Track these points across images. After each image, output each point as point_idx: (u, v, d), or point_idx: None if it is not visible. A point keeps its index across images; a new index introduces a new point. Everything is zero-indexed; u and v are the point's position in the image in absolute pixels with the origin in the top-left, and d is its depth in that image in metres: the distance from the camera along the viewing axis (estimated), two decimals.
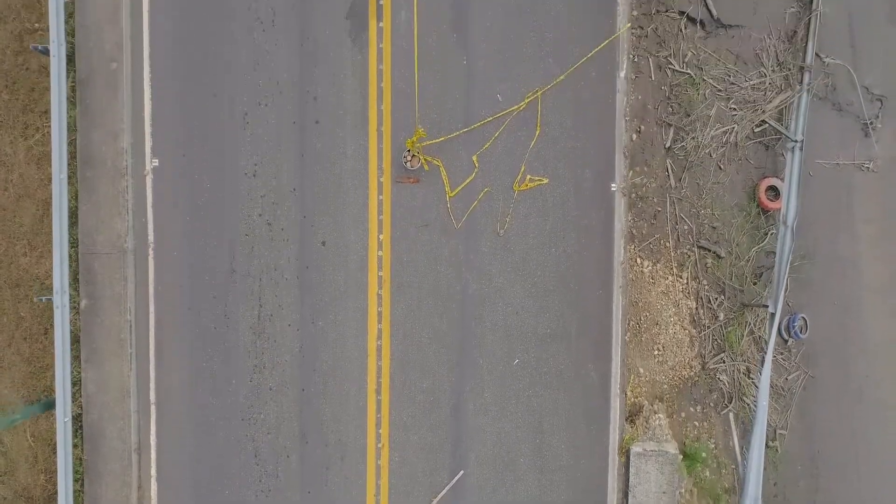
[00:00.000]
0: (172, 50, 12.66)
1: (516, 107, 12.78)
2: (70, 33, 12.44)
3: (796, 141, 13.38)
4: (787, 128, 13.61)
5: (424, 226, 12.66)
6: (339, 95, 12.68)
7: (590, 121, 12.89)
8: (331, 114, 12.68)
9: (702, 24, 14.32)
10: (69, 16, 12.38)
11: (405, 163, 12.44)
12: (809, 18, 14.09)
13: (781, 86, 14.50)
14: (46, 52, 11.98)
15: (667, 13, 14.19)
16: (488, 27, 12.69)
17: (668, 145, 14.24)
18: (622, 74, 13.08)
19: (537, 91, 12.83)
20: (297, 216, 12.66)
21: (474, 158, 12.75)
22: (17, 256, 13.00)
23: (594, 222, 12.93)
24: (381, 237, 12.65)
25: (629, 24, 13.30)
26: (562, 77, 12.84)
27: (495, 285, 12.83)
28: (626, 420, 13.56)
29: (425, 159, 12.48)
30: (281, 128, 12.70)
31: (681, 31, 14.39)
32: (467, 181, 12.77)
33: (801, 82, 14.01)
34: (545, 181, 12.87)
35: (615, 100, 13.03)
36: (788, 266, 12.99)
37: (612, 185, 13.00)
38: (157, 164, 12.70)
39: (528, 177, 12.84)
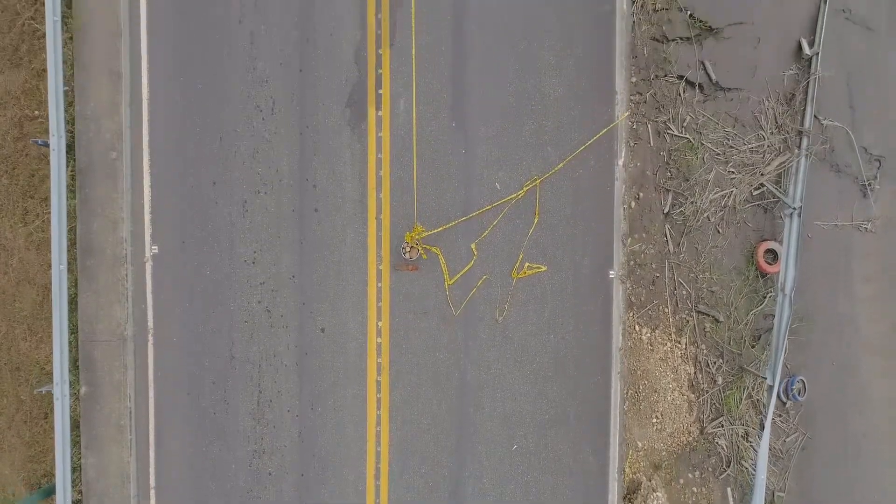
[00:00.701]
0: (172, 139, 12.68)
1: (515, 195, 12.81)
2: (70, 121, 12.47)
3: (795, 208, 13.39)
4: (785, 193, 13.63)
5: (423, 313, 12.70)
6: (338, 183, 12.71)
7: (588, 208, 12.91)
8: (330, 202, 12.71)
9: (700, 87, 14.34)
10: (69, 104, 12.40)
11: (404, 253, 12.48)
12: (808, 82, 14.10)
13: (780, 148, 14.52)
14: (46, 145, 12.00)
15: (665, 78, 14.21)
16: (487, 115, 12.71)
17: (666, 211, 14.26)
18: (620, 162, 13.11)
19: (536, 179, 12.86)
20: (296, 303, 12.69)
21: (473, 246, 12.78)
22: (17, 340, 13.04)
23: (592, 309, 12.96)
24: (380, 324, 12.69)
25: (627, 113, 13.32)
26: (560, 165, 12.86)
27: (494, 372, 12.87)
28: (625, 499, 13.61)
29: (424, 248, 12.51)
30: (280, 215, 12.73)
31: (679, 95, 14.41)
32: (466, 269, 12.80)
33: (800, 147, 14.03)
34: (543, 269, 12.89)
35: (613, 187, 13.05)
36: (787, 333, 13.02)
37: (611, 272, 13.03)
38: (156, 251, 12.73)
39: (527, 264, 12.87)
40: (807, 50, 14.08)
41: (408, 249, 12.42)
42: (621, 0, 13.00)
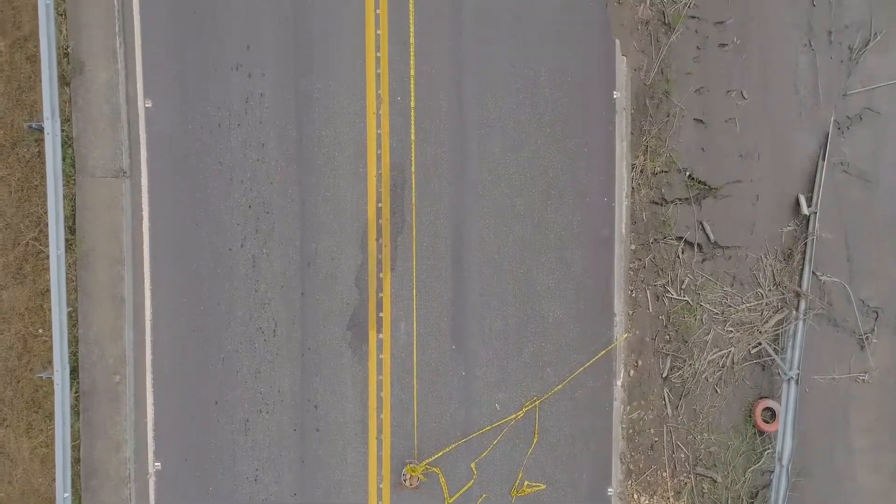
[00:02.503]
0: (175, 360, 12.85)
1: (514, 415, 12.94)
2: (73, 342, 12.60)
3: (792, 377, 13.52)
4: (783, 356, 13.75)
5: None
6: (339, 404, 12.86)
7: (587, 427, 13.07)
8: (331, 421, 12.86)
9: (699, 247, 14.45)
10: (72, 325, 12.54)
11: (404, 481, 12.64)
12: (806, 243, 14.21)
13: (778, 305, 14.64)
14: (50, 377, 12.15)
15: (664, 240, 14.31)
16: (487, 337, 12.88)
17: (665, 375, 14.39)
18: (619, 383, 13.25)
19: (535, 399, 12.99)
20: None
21: (472, 465, 12.94)
22: None
23: None
24: None
25: (626, 335, 13.44)
26: (560, 386, 13.00)
27: None
28: None
29: (424, 471, 12.71)
30: (282, 434, 12.88)
31: (678, 256, 14.52)
32: (465, 488, 12.96)
33: (798, 308, 14.13)
34: (543, 487, 13.05)
35: (612, 407, 13.18)
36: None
37: (609, 489, 13.19)
38: (159, 467, 12.89)
39: (526, 483, 13.02)
40: (805, 209, 14.17)
41: (408, 478, 12.59)
42: (620, 224, 13.09)
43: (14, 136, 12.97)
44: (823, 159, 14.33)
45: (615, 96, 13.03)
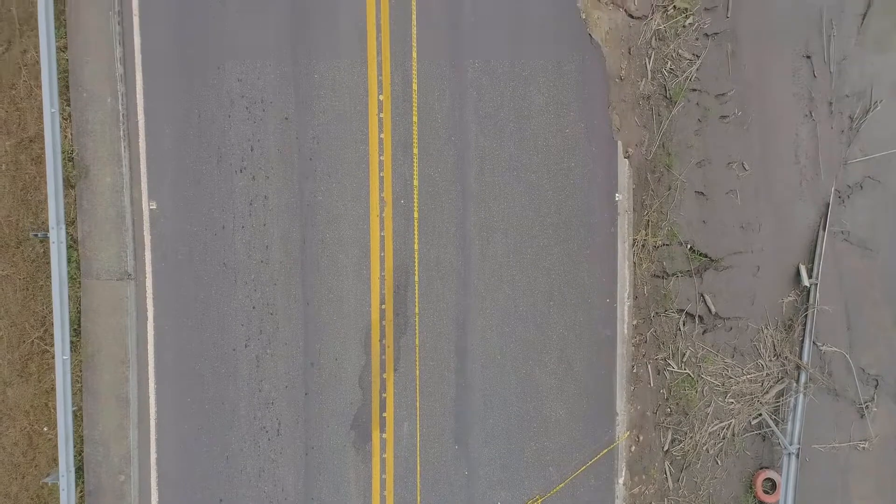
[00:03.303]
0: (179, 458, 12.95)
1: None
2: (78, 441, 12.69)
3: (793, 451, 13.60)
4: (783, 427, 13.83)
5: None
6: (343, 502, 12.93)
7: None
8: None
9: (700, 318, 14.53)
10: (77, 425, 12.63)
11: None
12: (807, 315, 14.27)
13: (778, 375, 14.72)
14: (56, 480, 12.25)
15: (666, 313, 14.39)
16: (490, 437, 12.95)
17: (666, 448, 14.47)
18: (621, 481, 13.33)
19: (538, 498, 13.09)
20: None
21: None
22: None
23: None
24: None
25: (628, 433, 13.52)
26: (562, 485, 13.07)
27: None
28: None
29: None
30: None
31: (679, 329, 14.60)
32: None
33: (798, 381, 14.20)
34: None
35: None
36: None
37: None
38: None
39: None
40: (805, 281, 14.23)
41: None
42: (622, 325, 13.16)
43: (19, 235, 13.04)
44: (824, 229, 14.40)
45: (617, 198, 13.09)
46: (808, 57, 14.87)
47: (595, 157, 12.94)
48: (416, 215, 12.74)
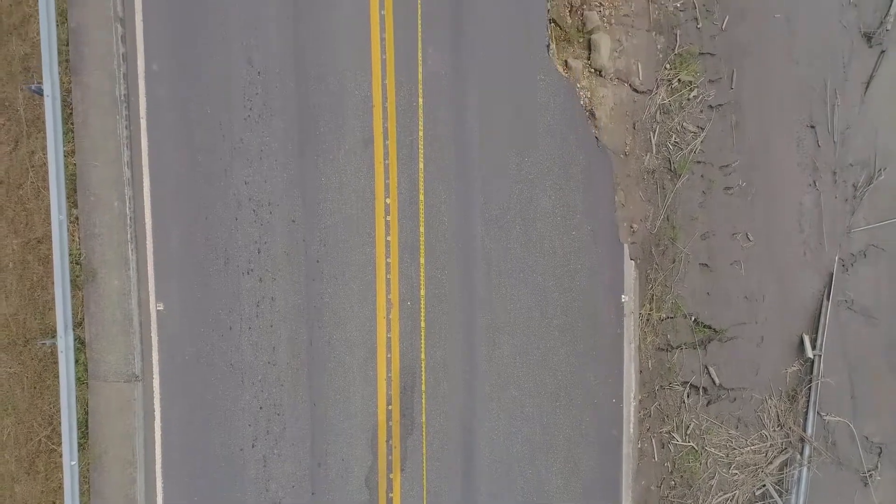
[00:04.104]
0: None
1: None
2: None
3: None
4: (787, 500, 13.89)
5: None
6: None
7: None
8: None
9: (704, 390, 14.57)
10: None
11: None
12: (811, 386, 14.30)
13: (782, 445, 14.76)
14: None
15: (670, 386, 14.43)
16: None
17: None
18: None
19: None
20: None
21: None
22: None
23: None
24: None
25: None
26: None
27: None
28: None
29: None
30: None
31: (683, 402, 14.64)
32: None
33: (802, 453, 14.24)
34: None
35: None
36: None
37: None
38: None
39: None
40: (809, 352, 14.29)
41: None
42: (628, 424, 13.19)
43: (26, 334, 13.08)
44: (828, 299, 14.45)
45: (623, 300, 13.11)
46: (812, 127, 14.92)
47: (601, 258, 12.97)
48: (422, 317, 12.77)
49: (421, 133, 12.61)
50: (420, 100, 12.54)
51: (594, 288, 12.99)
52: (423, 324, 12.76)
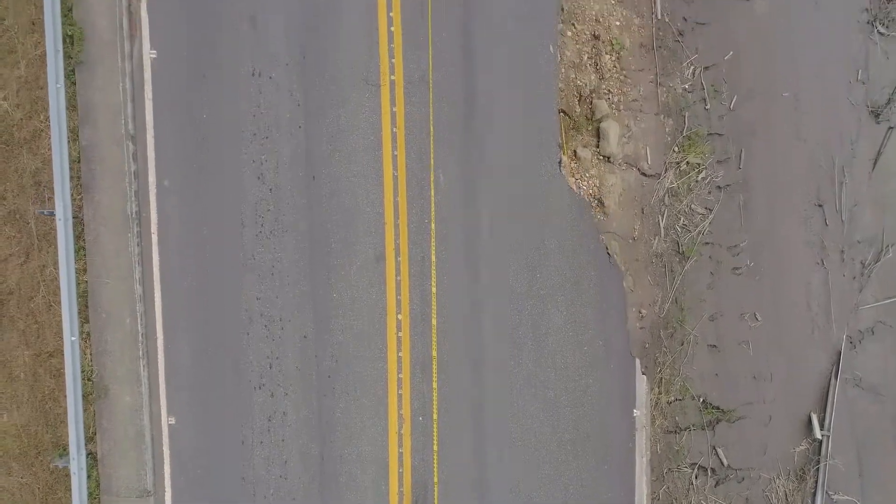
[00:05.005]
0: None
1: None
2: None
3: None
4: None
5: None
6: None
7: None
8: None
9: (713, 471, 14.61)
10: None
11: None
12: (818, 468, 14.32)
13: None
14: None
15: (678, 469, 14.46)
16: None
17: None
18: None
19: None
20: None
21: None
22: None
23: None
24: None
25: None
26: None
27: None
28: None
29: None
30: None
31: (692, 483, 14.68)
32: None
33: None
34: None
35: None
36: None
37: None
38: None
39: None
40: (818, 433, 14.36)
41: None
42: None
43: (39, 446, 13.09)
44: (836, 378, 14.49)
45: (635, 414, 13.12)
46: (820, 205, 14.96)
47: (613, 373, 12.98)
48: (434, 432, 12.78)
49: (433, 250, 12.61)
50: (432, 216, 12.54)
51: (606, 402, 13.00)
52: (435, 439, 12.77)
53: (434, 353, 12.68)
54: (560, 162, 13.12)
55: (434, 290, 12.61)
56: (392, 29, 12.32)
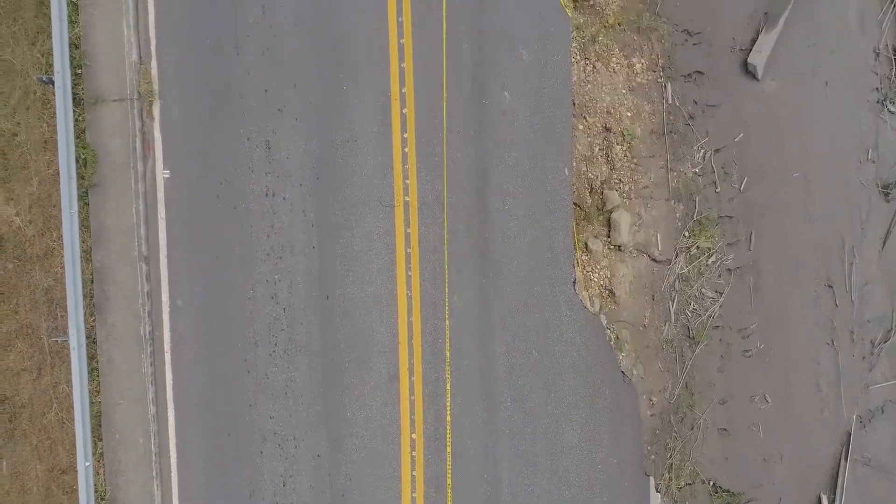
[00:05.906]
0: None
1: None
2: None
3: None
4: None
5: None
6: None
7: None
8: None
9: None
10: None
11: None
12: None
13: None
14: None
15: None
16: None
17: None
18: None
19: None
20: None
21: None
22: None
23: None
24: None
25: None
26: None
27: None
28: None
29: None
30: None
31: None
32: None
33: None
34: None
35: None
36: None
37: None
38: None
39: None
40: None
41: None
42: None
43: None
44: (846, 458, 14.52)
45: None
46: (830, 286, 14.93)
47: (627, 492, 13.00)
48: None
49: (448, 370, 12.58)
50: (447, 336, 12.50)
51: None
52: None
53: (448, 473, 12.68)
54: (574, 282, 13.07)
55: (448, 410, 12.59)
56: (406, 150, 12.21)
